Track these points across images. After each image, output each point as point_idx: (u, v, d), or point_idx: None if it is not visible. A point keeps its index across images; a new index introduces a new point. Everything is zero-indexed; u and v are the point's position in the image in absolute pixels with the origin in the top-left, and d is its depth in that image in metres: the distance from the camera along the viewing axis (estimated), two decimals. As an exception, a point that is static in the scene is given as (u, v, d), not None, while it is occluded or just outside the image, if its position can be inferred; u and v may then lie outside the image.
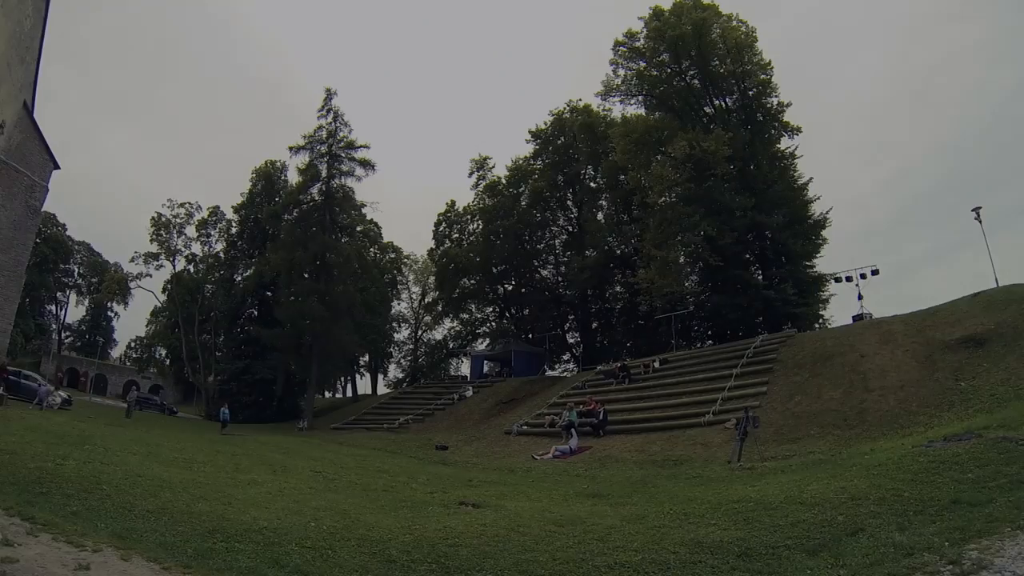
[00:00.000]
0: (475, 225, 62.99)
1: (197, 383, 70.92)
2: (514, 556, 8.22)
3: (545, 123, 58.03)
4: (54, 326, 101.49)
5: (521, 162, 59.16)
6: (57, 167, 52.36)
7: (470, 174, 61.67)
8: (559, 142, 57.06)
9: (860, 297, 35.02)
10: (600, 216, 56.42)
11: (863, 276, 35.67)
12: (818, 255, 43.18)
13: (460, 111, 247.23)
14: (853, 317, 33.68)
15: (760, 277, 41.98)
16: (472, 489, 15.99)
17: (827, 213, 43.29)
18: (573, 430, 25.51)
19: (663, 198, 41.72)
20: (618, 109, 50.64)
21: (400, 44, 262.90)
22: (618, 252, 52.60)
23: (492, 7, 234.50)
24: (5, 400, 27.87)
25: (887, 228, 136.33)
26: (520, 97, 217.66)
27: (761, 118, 43.76)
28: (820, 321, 42.76)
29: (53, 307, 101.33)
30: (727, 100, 44.92)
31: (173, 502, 10.31)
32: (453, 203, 66.88)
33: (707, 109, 45.12)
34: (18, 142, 47.20)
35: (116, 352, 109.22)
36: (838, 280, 38.18)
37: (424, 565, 7.81)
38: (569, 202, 58.74)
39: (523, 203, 57.15)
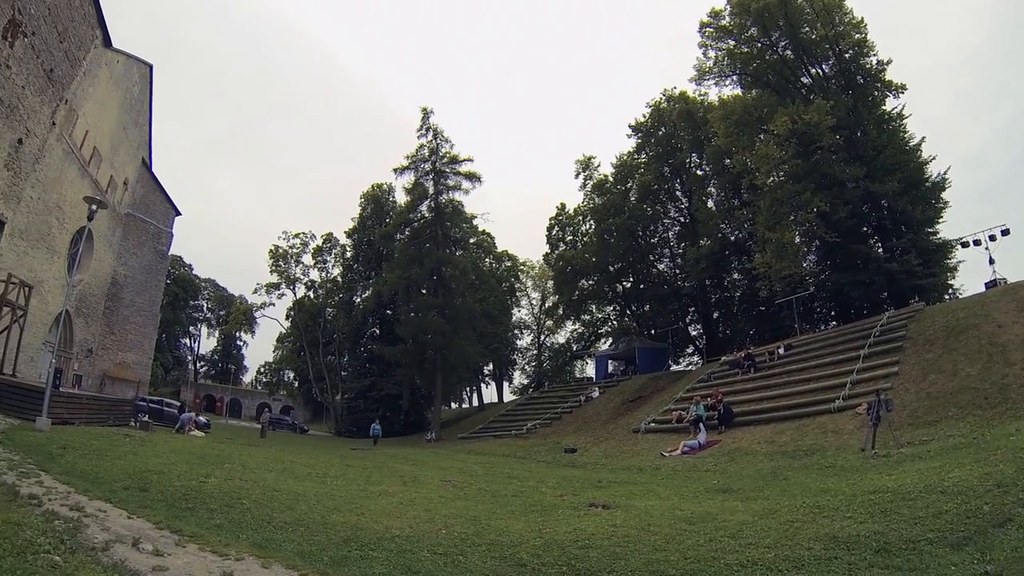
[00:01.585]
0: (587, 226, 62.50)
1: (325, 402, 73.79)
2: (645, 556, 8.13)
3: (644, 116, 57.23)
4: (189, 357, 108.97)
5: (625, 158, 58.22)
6: (178, 213, 56.65)
7: (576, 175, 61.62)
8: (660, 133, 55.98)
9: (991, 261, 32.24)
10: (711, 203, 54.78)
11: (992, 238, 32.93)
12: (940, 220, 40.21)
13: (558, 116, 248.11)
14: (986, 284, 31.00)
15: (880, 250, 39.77)
16: (601, 490, 15.92)
17: (944, 173, 40.36)
18: (701, 424, 24.98)
19: (771, 178, 40.07)
20: (714, 92, 49.73)
21: (488, 55, 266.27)
22: (732, 238, 51.12)
23: (573, 10, 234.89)
24: (151, 426, 29.72)
25: (1011, 181, 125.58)
26: (615, 93, 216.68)
27: (861, 80, 41.38)
28: (950, 291, 39.82)
29: (187, 340, 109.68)
30: (823, 67, 42.78)
31: (309, 514, 10.72)
32: (563, 206, 66.91)
33: (804, 79, 43.19)
34: (141, 195, 51.55)
35: (247, 377, 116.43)
36: (965, 245, 35.28)
37: (554, 568, 7.80)
38: (678, 193, 57.64)
39: (632, 199, 56.23)
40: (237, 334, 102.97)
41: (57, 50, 32.44)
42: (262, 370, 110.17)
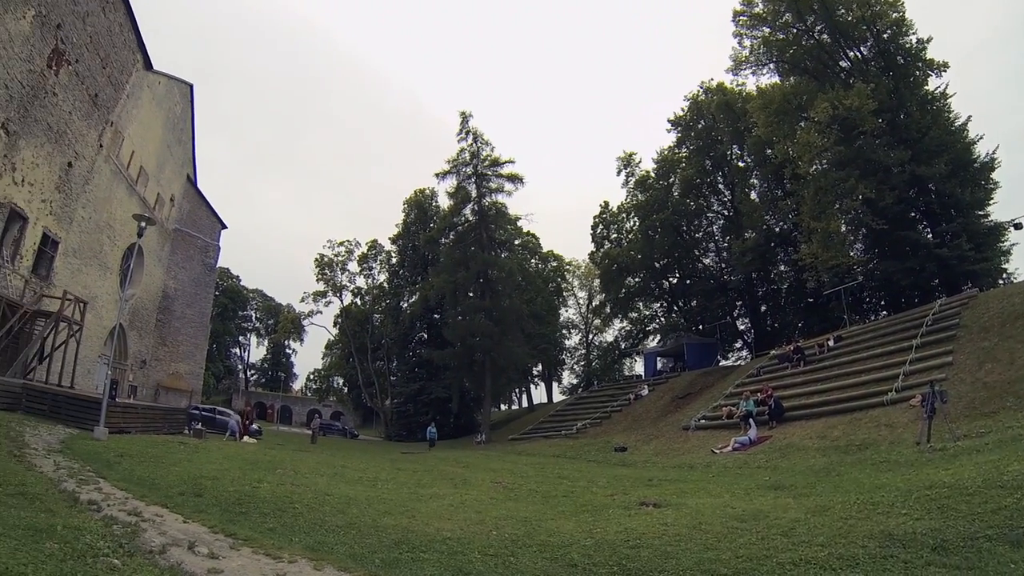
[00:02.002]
0: (631, 223, 62.07)
1: (375, 407, 74.54)
2: (696, 555, 8.08)
3: (683, 109, 56.73)
4: (240, 366, 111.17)
5: (666, 152, 57.82)
6: (224, 227, 58.20)
7: (618, 172, 61.14)
8: (700, 126, 55.53)
9: (1048, 242, 31.30)
10: (754, 195, 53.87)
11: (1047, 218, 31.68)
12: (991, 202, 38.72)
13: (596, 115, 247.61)
14: (1042, 267, 30.26)
15: (929, 235, 38.28)
16: (652, 488, 15.85)
17: (993, 153, 38.76)
18: (751, 420, 24.60)
19: (814, 166, 38.89)
20: (751, 82, 48.69)
21: (523, 56, 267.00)
22: (777, 230, 50.38)
23: (606, 8, 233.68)
24: (204, 434, 30.42)
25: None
26: (653, 88, 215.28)
27: (902, 61, 40.02)
28: (1004, 276, 38.48)
29: (237, 350, 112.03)
30: (861, 49, 41.41)
31: (360, 517, 10.89)
32: (607, 204, 66.35)
33: (843, 63, 41.99)
34: (188, 211, 53.29)
35: (297, 384, 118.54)
36: (1018, 227, 34.40)
37: (605, 568, 7.80)
38: (720, 185, 56.84)
39: (675, 194, 55.66)
40: (286, 342, 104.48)
41: (100, 76, 34.14)
42: (312, 377, 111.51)
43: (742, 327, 58.69)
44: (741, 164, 55.00)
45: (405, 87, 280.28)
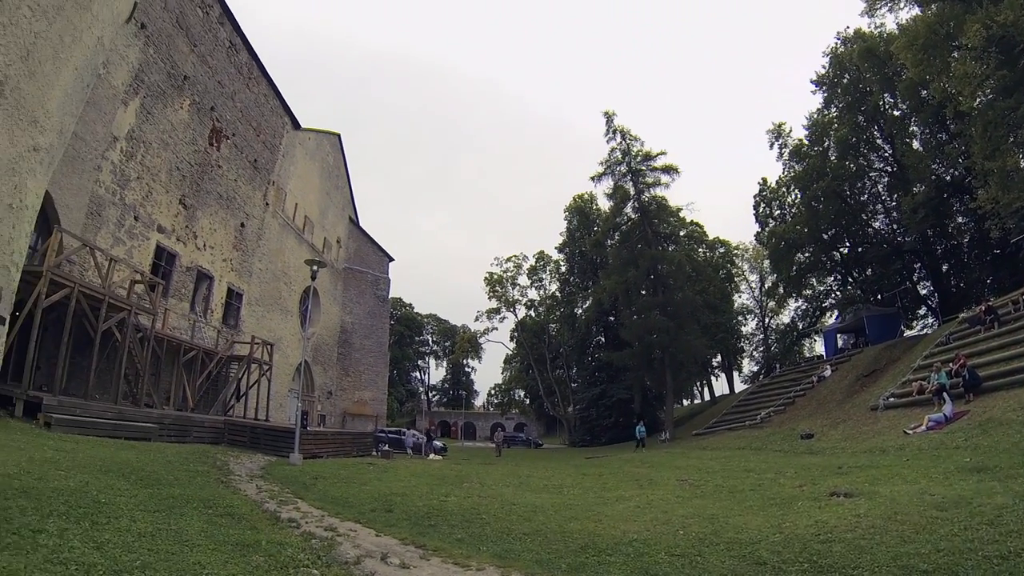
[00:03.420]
0: (792, 196, 59.11)
1: (557, 415, 75.07)
2: (892, 549, 7.62)
3: (823, 67, 53.18)
4: (421, 389, 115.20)
5: (815, 116, 54.27)
6: (391, 259, 61.29)
7: (770, 146, 58.42)
8: (845, 81, 51.31)
9: None
10: (916, 144, 49.89)
11: None
12: None
13: (729, 92, 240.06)
14: None
15: None
16: (842, 477, 15.04)
17: None
18: (945, 394, 22.62)
19: (977, 100, 34.53)
20: (890, 21, 45.29)
21: (646, 46, 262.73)
22: (948, 178, 46.00)
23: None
24: (392, 454, 32.17)
25: None
26: (785, 52, 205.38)
27: None
28: None
29: (417, 373, 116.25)
30: None
31: (546, 524, 10.99)
32: (765, 180, 63.76)
33: (985, -25, 37.08)
34: (354, 249, 56.91)
35: (479, 401, 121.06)
36: None
37: (795, 565, 7.52)
38: (878, 140, 52.33)
39: (832, 158, 51.94)
40: (464, 361, 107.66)
41: (256, 143, 38.18)
42: (493, 392, 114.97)
43: (924, 292, 54.31)
44: (896, 113, 50.29)
45: (540, 97, 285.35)
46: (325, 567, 7.12)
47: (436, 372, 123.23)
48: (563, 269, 78.46)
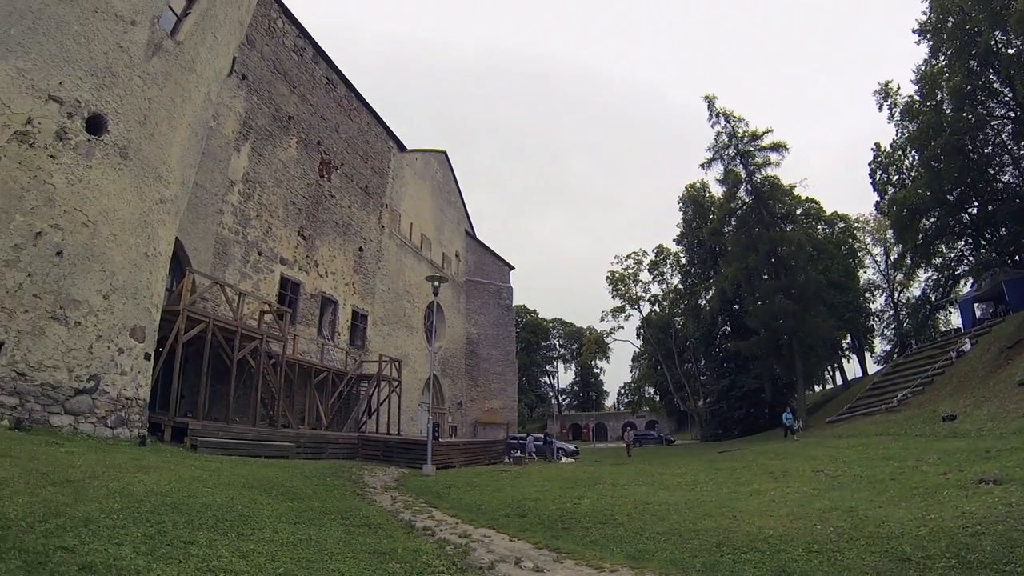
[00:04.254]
0: (909, 159, 55.31)
1: (688, 410, 73.85)
2: (1050, 542, 7.02)
3: (924, 12, 48.90)
4: (551, 393, 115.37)
5: (923, 68, 49.93)
6: (511, 268, 62.12)
7: (879, 107, 54.99)
8: (949, 24, 46.55)
9: None
10: None
11: None
12: None
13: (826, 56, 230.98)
14: None
15: None
16: (990, 462, 13.97)
17: None
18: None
19: None
20: None
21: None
22: None
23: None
24: (524, 460, 32.55)
25: None
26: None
27: None
28: None
29: (546, 378, 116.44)
30: None
31: (680, 522, 10.81)
32: (879, 146, 59.72)
33: None
34: (474, 262, 58.29)
35: (608, 401, 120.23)
36: None
37: (942, 561, 7.06)
38: (996, 85, 47.63)
39: (948, 111, 47.46)
40: (592, 363, 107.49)
41: (365, 169, 39.93)
42: (622, 391, 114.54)
43: (1069, 246, 50.08)
44: (1011, 51, 46.23)
45: (641, 86, 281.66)
46: (460, 572, 7.33)
47: (565, 376, 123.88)
48: (683, 261, 76.86)
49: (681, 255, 76.73)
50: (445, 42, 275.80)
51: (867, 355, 71.93)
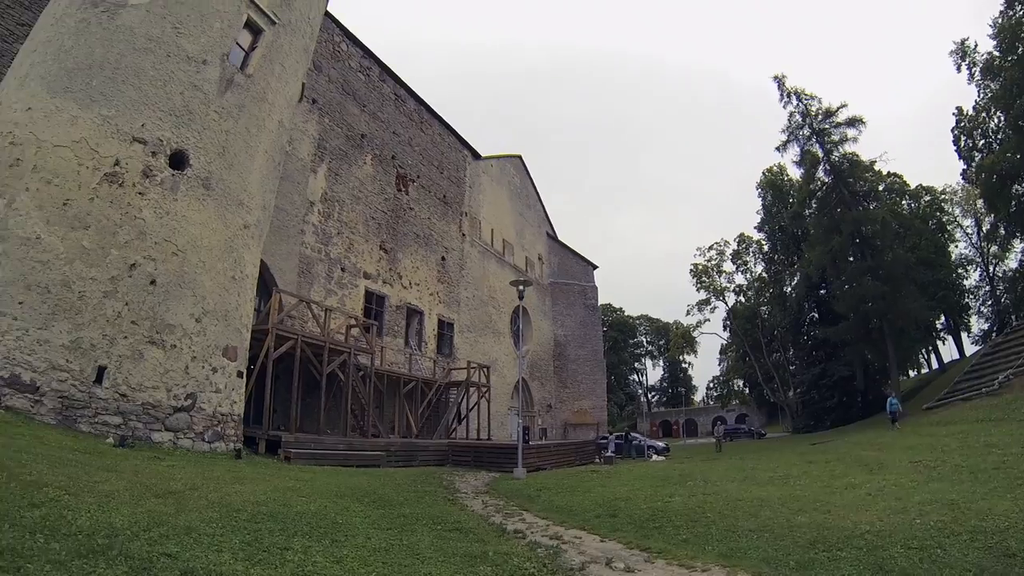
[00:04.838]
0: (994, 121, 51.16)
1: (778, 401, 72.17)
2: None
3: None
4: (640, 391, 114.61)
5: (1000, 20, 46.36)
6: (595, 267, 62.53)
7: (957, 68, 51.72)
8: None
9: None
10: None
11: None
12: None
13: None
14: None
15: None
16: (1107, 449, 13.32)
17: None
18: None
19: None
20: None
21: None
22: None
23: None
24: (614, 460, 32.49)
25: None
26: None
27: None
28: None
29: (635, 376, 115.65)
30: None
31: (773, 519, 10.61)
32: (961, 110, 55.66)
33: None
34: (557, 263, 58.73)
35: (698, 396, 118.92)
36: None
37: None
38: None
39: None
40: (680, 358, 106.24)
41: (441, 180, 40.66)
42: (711, 385, 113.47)
43: None
44: None
45: (707, 73, 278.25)
46: (550, 575, 7.39)
47: (653, 372, 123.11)
48: (765, 248, 75.36)
49: (764, 242, 75.08)
50: (507, 45, 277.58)
51: (963, 335, 68.22)
